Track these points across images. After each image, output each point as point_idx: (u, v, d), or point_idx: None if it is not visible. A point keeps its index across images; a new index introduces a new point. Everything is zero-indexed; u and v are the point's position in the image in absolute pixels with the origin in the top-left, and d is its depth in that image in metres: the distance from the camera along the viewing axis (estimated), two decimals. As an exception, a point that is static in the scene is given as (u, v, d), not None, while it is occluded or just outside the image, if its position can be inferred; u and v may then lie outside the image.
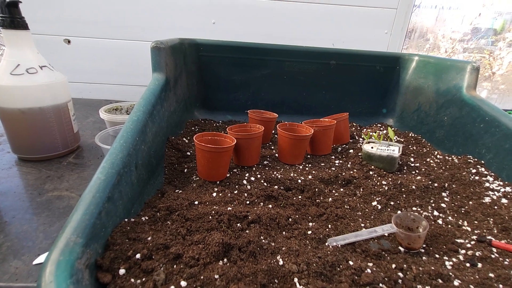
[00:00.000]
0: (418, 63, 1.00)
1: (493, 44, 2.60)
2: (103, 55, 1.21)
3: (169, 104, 0.75)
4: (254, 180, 0.62)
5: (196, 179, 0.61)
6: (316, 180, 0.64)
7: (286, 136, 0.67)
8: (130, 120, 0.54)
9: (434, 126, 0.89)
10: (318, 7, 1.18)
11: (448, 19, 2.88)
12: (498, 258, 0.46)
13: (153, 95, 0.64)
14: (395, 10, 1.19)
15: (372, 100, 1.11)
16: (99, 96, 1.26)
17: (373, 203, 0.60)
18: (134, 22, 1.18)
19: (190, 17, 1.18)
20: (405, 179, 0.65)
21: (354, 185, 0.65)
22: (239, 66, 1.03)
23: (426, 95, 0.95)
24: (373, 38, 1.23)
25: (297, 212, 0.55)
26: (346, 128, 0.84)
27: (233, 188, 0.59)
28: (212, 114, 1.06)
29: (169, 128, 0.73)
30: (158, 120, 0.64)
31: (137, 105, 0.59)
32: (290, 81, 1.07)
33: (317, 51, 1.03)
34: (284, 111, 1.07)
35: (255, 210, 0.52)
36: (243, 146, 0.64)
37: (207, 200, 0.54)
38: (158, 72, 0.72)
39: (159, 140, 0.64)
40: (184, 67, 0.93)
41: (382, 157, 0.67)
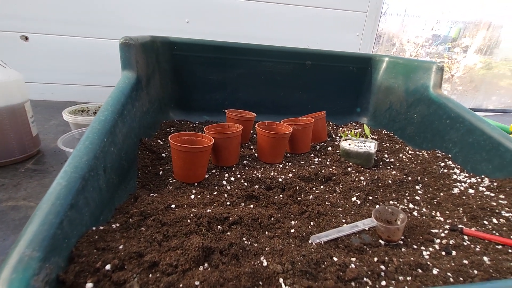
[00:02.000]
0: (388, 64, 1.05)
1: (449, 50, 2.83)
2: (66, 54, 1.12)
3: (141, 104, 0.70)
4: (234, 180, 0.60)
5: (173, 181, 0.58)
6: (296, 178, 0.64)
7: (266, 135, 0.66)
8: (97, 120, 0.49)
9: (405, 123, 0.94)
10: (293, 9, 1.20)
11: (410, 25, 3.10)
12: (470, 245, 0.48)
13: (123, 94, 0.59)
14: (365, 14, 1.24)
15: (346, 99, 1.14)
16: (62, 98, 1.17)
17: (352, 198, 0.60)
18: (101, 19, 1.11)
19: (162, 16, 1.14)
20: (382, 174, 0.67)
21: (333, 182, 0.65)
22: (215, 65, 1.01)
23: (396, 94, 0.99)
24: (346, 40, 1.27)
25: (279, 211, 0.54)
26: (324, 126, 0.85)
27: (212, 189, 0.56)
28: (188, 114, 1.02)
29: (142, 129, 0.69)
30: (129, 121, 0.60)
31: (104, 104, 0.54)
32: (267, 81, 1.06)
33: (293, 51, 1.04)
34: (262, 111, 1.06)
35: (236, 211, 0.50)
36: (221, 145, 0.62)
37: (184, 203, 0.51)
38: (128, 70, 0.67)
39: (130, 141, 0.60)
40: (157, 66, 0.89)
41: (359, 154, 0.68)
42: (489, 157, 0.67)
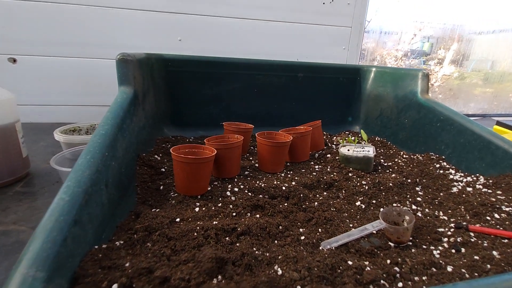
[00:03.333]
0: (376, 74, 1.09)
1: (424, 63, 3.01)
2: (54, 75, 1.11)
3: (138, 119, 0.70)
4: (238, 190, 0.59)
5: (175, 195, 0.56)
6: (299, 186, 0.63)
7: (266, 144, 0.66)
8: (97, 134, 0.48)
9: (397, 129, 0.96)
10: (282, 25, 1.25)
11: (387, 41, 3.29)
12: (477, 241, 0.48)
13: (122, 108, 0.59)
14: (350, 28, 1.30)
15: (338, 109, 1.17)
16: (50, 119, 1.14)
17: (356, 203, 0.60)
18: (90, 39, 1.11)
19: (154, 34, 1.15)
20: (382, 178, 0.68)
21: (336, 188, 0.65)
22: (209, 80, 1.02)
23: (386, 101, 1.03)
24: (333, 53, 1.33)
25: (286, 219, 0.53)
26: (320, 135, 0.86)
27: (217, 201, 0.55)
28: (183, 130, 1.01)
29: (140, 145, 0.67)
30: (128, 135, 0.59)
31: (104, 119, 0.53)
32: (261, 94, 1.08)
33: (285, 64, 1.07)
34: (257, 123, 1.06)
35: (243, 221, 0.49)
36: (223, 156, 0.61)
37: (189, 216, 0.49)
38: (126, 85, 0.67)
39: (129, 157, 0.58)
40: (151, 83, 0.89)
41: (359, 159, 0.69)
42: (481, 156, 0.70)
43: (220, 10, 1.18)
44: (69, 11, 1.06)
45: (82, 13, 1.08)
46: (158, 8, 1.12)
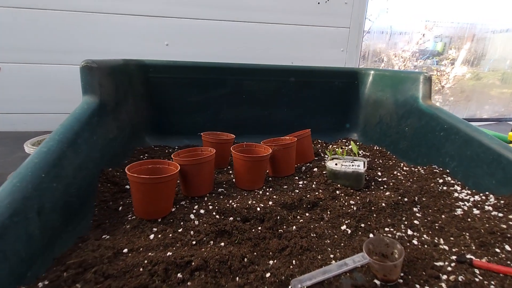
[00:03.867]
0: (374, 77, 1.01)
1: (437, 63, 2.88)
2: (40, 82, 1.08)
3: (105, 131, 0.64)
4: (204, 212, 0.52)
5: (132, 218, 0.50)
6: (277, 206, 0.56)
7: (241, 159, 0.59)
8: (36, 153, 0.43)
9: (397, 137, 0.88)
10: (276, 27, 1.18)
11: (398, 42, 3.17)
12: (482, 281, 0.40)
13: (78, 121, 0.53)
14: (348, 29, 1.22)
15: (335, 115, 1.09)
16: (35, 128, 1.11)
17: (342, 227, 0.53)
18: (76, 46, 1.08)
19: (141, 39, 1.11)
20: (374, 196, 0.59)
21: (320, 208, 0.58)
22: (195, 87, 0.97)
23: (386, 107, 0.94)
24: (331, 56, 1.25)
25: (255, 248, 0.46)
26: (309, 145, 0.79)
27: (177, 226, 0.48)
28: (167, 139, 0.96)
29: (106, 159, 0.62)
30: (86, 150, 0.54)
31: (52, 134, 0.48)
32: (250, 100, 1.02)
33: (276, 68, 1.00)
34: (246, 131, 1.00)
35: (202, 253, 0.42)
36: (191, 173, 0.55)
37: (141, 246, 0.43)
38: (90, 95, 0.62)
39: (86, 174, 0.53)
40: (130, 90, 0.84)
41: (347, 174, 0.61)
42: (491, 171, 0.61)
43: (210, 13, 1.13)
44: (53, 17, 1.04)
45: (66, 19, 1.05)
46: (144, 12, 1.08)
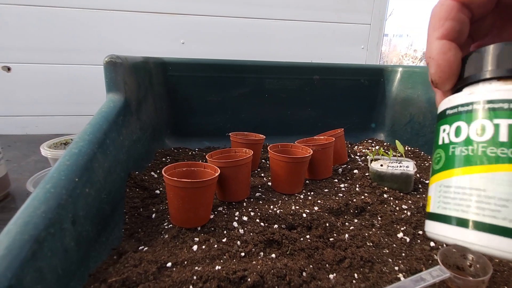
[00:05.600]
0: (403, 74, 0.97)
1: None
2: (52, 83, 1.04)
3: (130, 132, 0.60)
4: (248, 220, 0.47)
5: (169, 227, 0.45)
6: (324, 211, 0.51)
7: (282, 160, 0.54)
8: (67, 154, 0.38)
9: (433, 137, 0.82)
10: (295, 24, 1.14)
11: (398, 45, 3.16)
12: None
13: (106, 120, 0.49)
14: (369, 26, 1.18)
15: (359, 115, 1.04)
16: (47, 131, 1.06)
17: (398, 234, 0.47)
18: (89, 44, 1.04)
19: (155, 38, 1.07)
20: (427, 201, 0.54)
21: (369, 213, 0.53)
22: (214, 85, 0.92)
23: (417, 105, 0.89)
24: (351, 54, 1.21)
25: (310, 260, 0.41)
26: (343, 146, 0.74)
27: (221, 235, 0.43)
28: (187, 141, 0.91)
29: (131, 161, 0.57)
30: (113, 152, 0.49)
31: (81, 133, 0.43)
32: (272, 99, 0.97)
33: (299, 66, 0.96)
34: (268, 133, 0.95)
35: (255, 266, 0.37)
36: (229, 176, 0.50)
37: (185, 258, 0.38)
38: (114, 92, 0.57)
39: (115, 178, 0.48)
40: (150, 89, 0.79)
41: (395, 176, 0.56)
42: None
43: (226, 10, 1.09)
44: (63, 15, 1.00)
45: (77, 17, 1.01)
46: (158, 9, 1.04)
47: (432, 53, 0.22)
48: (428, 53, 0.22)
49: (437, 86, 0.23)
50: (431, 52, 0.22)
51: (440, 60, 0.21)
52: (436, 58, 0.22)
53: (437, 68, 0.22)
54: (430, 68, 0.22)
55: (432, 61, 0.22)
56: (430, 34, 0.22)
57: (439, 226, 0.20)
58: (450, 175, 0.20)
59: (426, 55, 0.23)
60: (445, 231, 0.19)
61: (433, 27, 0.22)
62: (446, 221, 0.19)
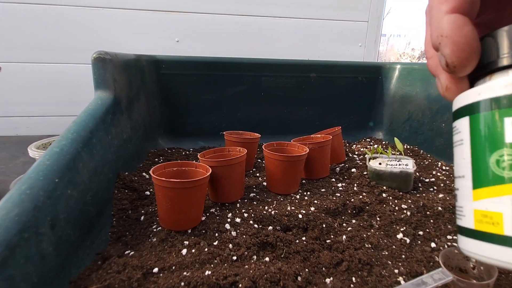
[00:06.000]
0: (401, 71, 0.95)
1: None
2: (43, 83, 1.02)
3: (120, 131, 0.57)
4: (241, 221, 0.45)
5: (158, 229, 0.43)
6: (320, 212, 0.49)
7: (277, 159, 0.52)
8: (47, 154, 0.36)
9: (432, 134, 0.81)
10: (292, 22, 1.13)
11: (396, 44, 3.15)
12: None
13: (92, 118, 0.47)
14: (366, 23, 1.17)
15: (357, 113, 1.03)
16: (38, 132, 1.04)
17: (398, 235, 0.46)
18: (81, 43, 1.02)
19: (150, 36, 1.05)
20: (427, 199, 0.53)
21: (367, 214, 0.51)
22: (210, 84, 0.90)
23: (416, 102, 0.88)
24: (348, 51, 1.19)
25: (306, 263, 0.39)
26: (341, 144, 0.72)
27: (212, 238, 0.41)
28: (181, 141, 0.89)
29: (121, 162, 0.55)
30: (100, 152, 0.47)
31: (64, 132, 0.41)
32: (269, 98, 0.95)
33: (296, 64, 0.94)
34: (265, 132, 0.93)
35: (247, 271, 0.35)
36: (221, 176, 0.48)
37: (173, 263, 0.36)
38: (103, 90, 0.55)
39: (102, 178, 0.46)
40: (142, 88, 0.77)
41: (394, 175, 0.55)
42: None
43: (221, 7, 1.07)
44: (56, 13, 0.98)
45: (70, 15, 0.99)
46: (153, 6, 1.02)
47: (443, 30, 0.18)
48: (439, 31, 0.18)
49: (455, 69, 0.18)
50: (442, 29, 0.18)
51: (456, 36, 0.17)
52: (451, 34, 0.18)
53: (454, 46, 0.18)
54: (443, 49, 0.18)
55: (446, 40, 0.18)
56: (437, 8, 0.19)
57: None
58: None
59: (434, 34, 0.19)
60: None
61: (438, 0, 0.18)
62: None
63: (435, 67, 0.21)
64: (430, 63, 0.22)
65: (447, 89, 0.20)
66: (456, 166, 0.19)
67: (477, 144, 0.17)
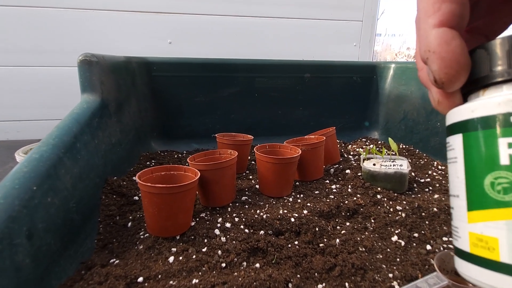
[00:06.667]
0: (396, 71, 0.94)
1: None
2: (34, 86, 1.00)
3: (108, 134, 0.56)
4: (231, 226, 0.44)
5: (145, 236, 0.42)
6: (313, 215, 0.48)
7: (268, 161, 0.51)
8: (26, 161, 0.34)
9: (427, 134, 0.80)
10: (286, 22, 1.12)
11: (391, 44, 3.16)
12: None
13: (76, 122, 0.45)
14: (360, 23, 1.16)
15: (353, 113, 1.02)
16: (29, 136, 1.02)
17: (392, 238, 0.45)
18: (73, 45, 1.00)
19: (142, 37, 1.04)
20: (422, 200, 0.52)
21: (362, 216, 0.50)
22: (203, 85, 0.89)
23: (411, 102, 0.87)
24: (343, 51, 1.19)
25: (298, 268, 0.38)
26: (335, 145, 0.71)
27: (201, 244, 0.40)
28: (174, 144, 0.88)
29: (109, 166, 0.54)
30: (86, 157, 0.45)
31: (46, 137, 0.40)
32: (263, 99, 0.94)
33: (290, 64, 0.93)
34: (259, 133, 0.92)
35: (236, 278, 0.34)
36: (212, 179, 0.47)
37: (159, 272, 0.34)
38: (90, 93, 0.54)
39: (87, 184, 0.44)
40: (133, 90, 0.76)
41: (389, 176, 0.54)
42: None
43: (214, 8, 1.06)
44: (46, 15, 0.96)
45: (60, 17, 0.97)
46: (145, 8, 1.01)
47: (430, 45, 0.17)
48: (425, 46, 0.17)
49: (443, 86, 0.18)
50: (429, 44, 0.17)
51: (443, 52, 0.17)
52: (438, 50, 0.17)
53: (441, 62, 0.17)
54: (431, 65, 0.17)
55: (433, 55, 0.17)
56: (423, 21, 0.18)
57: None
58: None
59: (422, 48, 0.18)
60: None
61: (425, 13, 0.18)
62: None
63: (426, 80, 0.20)
64: (421, 75, 0.21)
65: (439, 103, 0.20)
66: (451, 184, 0.19)
67: (471, 164, 0.16)
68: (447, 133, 0.19)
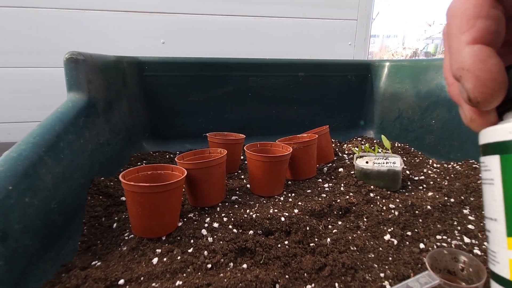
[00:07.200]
0: (390, 69, 0.93)
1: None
2: (26, 87, 0.99)
3: (95, 134, 0.55)
4: (219, 226, 0.43)
5: (129, 237, 0.40)
6: (304, 214, 0.47)
7: (258, 160, 0.50)
8: (3, 159, 0.33)
9: (422, 132, 0.79)
10: (280, 21, 1.11)
11: (388, 45, 3.17)
12: None
13: (60, 121, 0.44)
14: (355, 22, 1.16)
15: (347, 112, 1.01)
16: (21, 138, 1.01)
17: (385, 236, 0.43)
18: (65, 46, 0.99)
19: (135, 38, 1.03)
20: (416, 198, 0.51)
21: (354, 214, 0.49)
22: (196, 85, 0.88)
23: (405, 100, 0.86)
24: (338, 50, 1.18)
25: (286, 269, 0.37)
26: (329, 143, 0.70)
27: (187, 245, 0.39)
28: (167, 144, 0.86)
29: (96, 166, 0.52)
30: (70, 156, 0.44)
31: (26, 136, 0.39)
32: (257, 98, 0.93)
33: (283, 63, 0.92)
34: (254, 133, 0.91)
35: (221, 280, 0.33)
36: (200, 179, 0.46)
37: (141, 274, 0.33)
38: (76, 92, 0.53)
39: (71, 184, 0.43)
40: (124, 90, 0.75)
41: (382, 173, 0.53)
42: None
43: (208, 7, 1.05)
44: (38, 16, 0.95)
45: (53, 17, 0.96)
46: (137, 8, 1.00)
47: (464, 63, 0.16)
48: (458, 63, 0.17)
49: (478, 105, 0.17)
50: (463, 62, 0.16)
51: (478, 70, 0.16)
52: (473, 68, 0.16)
53: (477, 81, 0.16)
54: (464, 83, 0.17)
55: (467, 74, 0.16)
56: (456, 38, 0.17)
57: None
58: None
59: (454, 66, 0.17)
60: None
61: (459, 29, 0.17)
62: None
63: (457, 96, 0.19)
64: (452, 90, 0.20)
65: (472, 120, 0.19)
66: (487, 206, 0.18)
67: (510, 187, 0.16)
68: (482, 152, 0.18)
